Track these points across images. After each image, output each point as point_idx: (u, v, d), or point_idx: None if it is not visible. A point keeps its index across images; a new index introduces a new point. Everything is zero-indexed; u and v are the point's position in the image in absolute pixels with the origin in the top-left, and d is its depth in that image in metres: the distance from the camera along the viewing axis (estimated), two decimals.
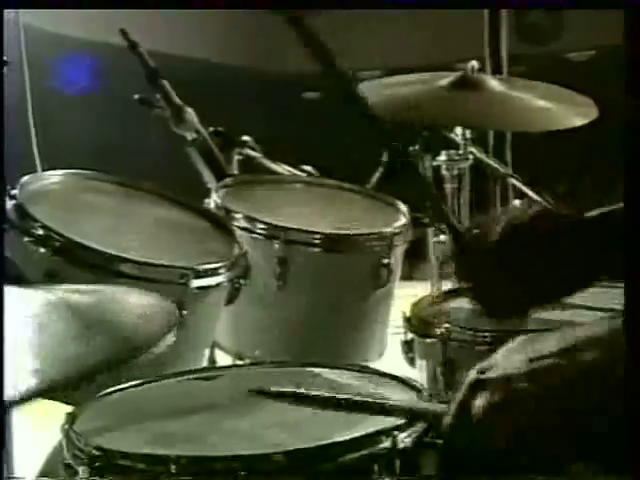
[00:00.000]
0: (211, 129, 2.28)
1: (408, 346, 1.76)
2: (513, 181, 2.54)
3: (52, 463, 1.52)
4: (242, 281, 1.68)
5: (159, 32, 3.53)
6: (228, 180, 2.06)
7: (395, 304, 1.97)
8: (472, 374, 0.97)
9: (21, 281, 1.29)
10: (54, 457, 1.49)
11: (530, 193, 2.52)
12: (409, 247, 1.98)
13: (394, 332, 1.88)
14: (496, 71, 3.56)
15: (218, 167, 2.12)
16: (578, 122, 2.13)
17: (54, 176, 1.72)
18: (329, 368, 1.44)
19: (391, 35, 4.14)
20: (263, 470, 1.02)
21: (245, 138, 2.40)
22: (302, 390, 1.22)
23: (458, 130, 2.37)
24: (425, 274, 2.51)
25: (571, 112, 2.16)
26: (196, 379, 1.42)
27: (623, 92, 1.00)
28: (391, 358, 1.89)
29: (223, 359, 1.98)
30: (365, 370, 1.41)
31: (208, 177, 2.11)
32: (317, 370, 1.45)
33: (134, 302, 1.06)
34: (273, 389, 1.23)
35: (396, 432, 1.06)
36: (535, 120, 2.14)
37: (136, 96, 2.07)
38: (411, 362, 1.76)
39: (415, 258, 2.27)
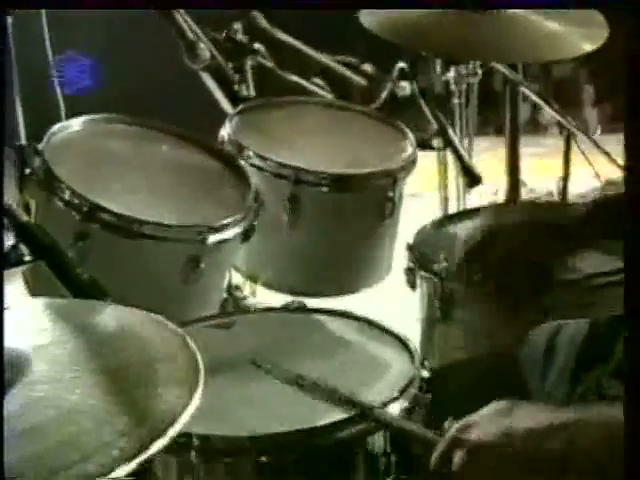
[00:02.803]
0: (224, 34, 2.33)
1: (410, 272, 1.90)
2: (524, 89, 2.57)
3: None
4: (255, 222, 1.79)
5: None
6: (242, 106, 2.13)
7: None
8: (453, 430, 1.07)
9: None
10: None
11: (540, 101, 2.56)
12: None
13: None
14: None
15: (233, 92, 2.18)
16: (588, 47, 2.12)
17: (75, 125, 1.80)
18: (335, 317, 1.59)
19: None
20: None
21: (257, 46, 2.43)
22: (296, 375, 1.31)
23: None
24: None
25: (582, 36, 2.15)
26: (213, 327, 1.58)
27: None
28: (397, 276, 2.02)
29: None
30: (371, 323, 1.54)
31: (224, 103, 2.18)
32: (322, 319, 1.60)
33: None
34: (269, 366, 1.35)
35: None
36: (544, 48, 2.14)
37: None
38: (412, 286, 1.91)
39: None
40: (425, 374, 1.36)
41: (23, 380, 0.90)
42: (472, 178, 2.17)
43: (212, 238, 1.63)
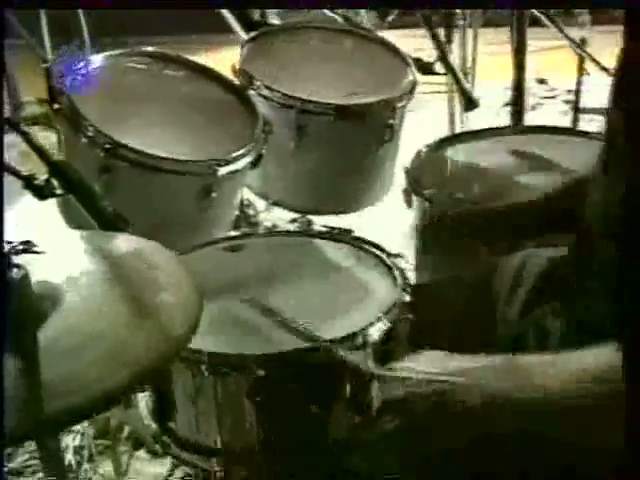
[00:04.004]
0: None
1: (406, 192, 2.08)
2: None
3: None
4: (264, 150, 1.97)
5: None
6: (253, 34, 2.27)
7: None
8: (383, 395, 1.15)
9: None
10: None
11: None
12: None
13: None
14: None
15: (246, 17, 2.32)
16: None
17: (97, 61, 1.96)
18: (337, 242, 1.78)
19: None
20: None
21: None
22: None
23: None
24: None
25: None
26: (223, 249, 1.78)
27: None
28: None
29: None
30: (365, 248, 1.73)
31: (237, 29, 2.32)
32: (321, 243, 1.79)
33: None
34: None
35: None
36: None
37: None
38: (409, 205, 2.09)
39: None
40: (407, 298, 1.55)
41: (57, 309, 1.10)
42: (469, 101, 2.31)
43: (222, 170, 1.82)
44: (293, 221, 2.34)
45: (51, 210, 1.81)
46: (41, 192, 1.62)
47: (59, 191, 1.61)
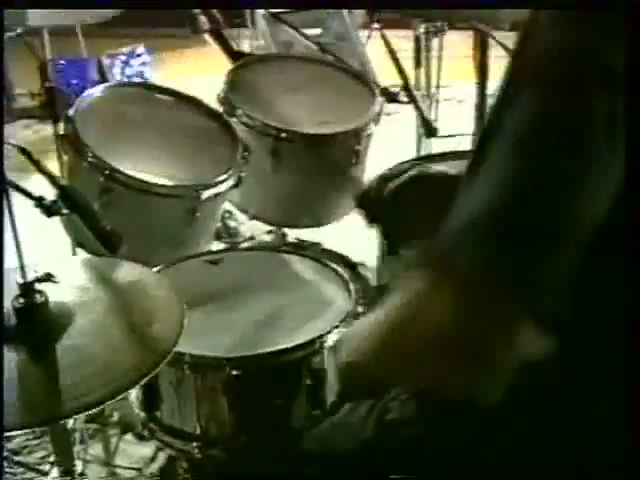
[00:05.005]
0: None
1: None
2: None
3: None
4: (244, 172, 2.23)
5: None
6: (235, 64, 2.54)
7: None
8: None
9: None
10: None
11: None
12: None
13: None
14: None
15: (230, 50, 2.58)
16: None
17: (98, 91, 2.23)
18: (304, 257, 2.05)
19: None
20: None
21: None
22: None
23: None
24: None
25: None
26: (205, 262, 2.05)
27: None
28: None
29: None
30: (328, 264, 2.00)
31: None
32: (290, 258, 2.06)
33: None
34: None
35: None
36: None
37: None
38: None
39: None
40: (360, 310, 1.83)
41: (69, 328, 1.38)
42: (429, 130, 2.58)
43: (206, 193, 2.09)
44: (269, 232, 2.61)
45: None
46: (49, 211, 1.89)
47: (65, 210, 1.89)
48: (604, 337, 0.99)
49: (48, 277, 1.37)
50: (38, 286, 1.35)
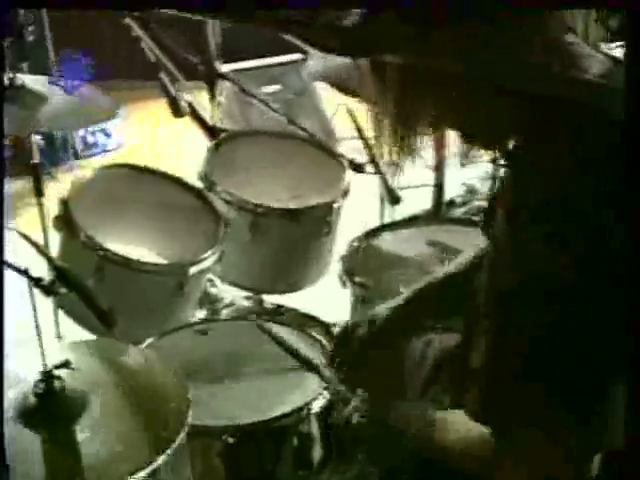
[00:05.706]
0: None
1: (341, 277, 2.54)
2: None
3: None
4: (225, 246, 2.41)
5: None
6: (214, 142, 2.72)
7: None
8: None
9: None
10: None
11: None
12: None
13: None
14: None
15: (209, 128, 2.75)
16: None
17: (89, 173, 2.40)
18: (283, 325, 2.22)
19: None
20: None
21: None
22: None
23: None
24: None
25: None
26: (195, 332, 2.21)
27: None
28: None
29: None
30: (306, 330, 2.17)
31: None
32: (275, 328, 2.23)
33: None
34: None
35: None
36: None
37: None
38: (343, 285, 2.54)
39: None
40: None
41: (85, 411, 1.53)
42: (393, 198, 2.78)
43: (192, 269, 2.27)
44: (247, 298, 2.79)
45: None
46: (48, 290, 2.04)
47: (62, 290, 2.04)
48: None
49: (66, 364, 1.52)
50: (56, 372, 1.51)
